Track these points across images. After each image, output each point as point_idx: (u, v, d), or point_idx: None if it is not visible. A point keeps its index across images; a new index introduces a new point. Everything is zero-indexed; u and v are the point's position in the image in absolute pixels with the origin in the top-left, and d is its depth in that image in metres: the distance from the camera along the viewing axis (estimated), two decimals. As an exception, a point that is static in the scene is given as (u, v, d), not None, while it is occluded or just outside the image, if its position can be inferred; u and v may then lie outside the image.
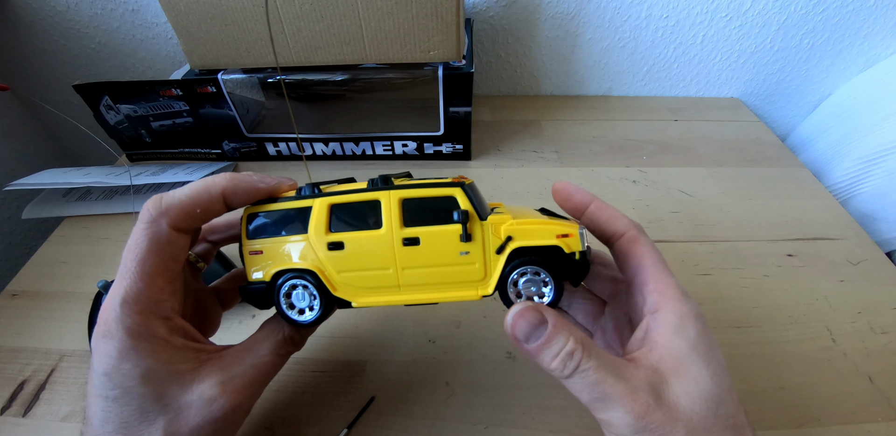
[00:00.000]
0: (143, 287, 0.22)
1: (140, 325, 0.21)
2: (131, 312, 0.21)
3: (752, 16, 0.60)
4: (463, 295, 0.24)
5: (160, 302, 0.22)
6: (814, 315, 0.40)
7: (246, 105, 0.52)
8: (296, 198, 0.24)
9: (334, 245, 0.24)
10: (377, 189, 0.24)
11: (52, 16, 0.63)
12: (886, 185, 0.52)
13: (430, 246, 0.24)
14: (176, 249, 0.23)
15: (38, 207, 0.51)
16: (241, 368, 0.23)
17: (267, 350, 0.25)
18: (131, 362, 0.21)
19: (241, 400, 0.23)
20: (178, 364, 0.22)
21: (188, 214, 0.23)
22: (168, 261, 0.23)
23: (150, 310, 0.22)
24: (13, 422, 0.33)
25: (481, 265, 0.24)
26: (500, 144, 0.60)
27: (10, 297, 0.42)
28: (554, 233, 0.24)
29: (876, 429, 0.32)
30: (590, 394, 0.21)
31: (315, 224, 0.24)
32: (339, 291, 0.24)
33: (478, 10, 0.61)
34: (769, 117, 0.73)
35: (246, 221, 0.25)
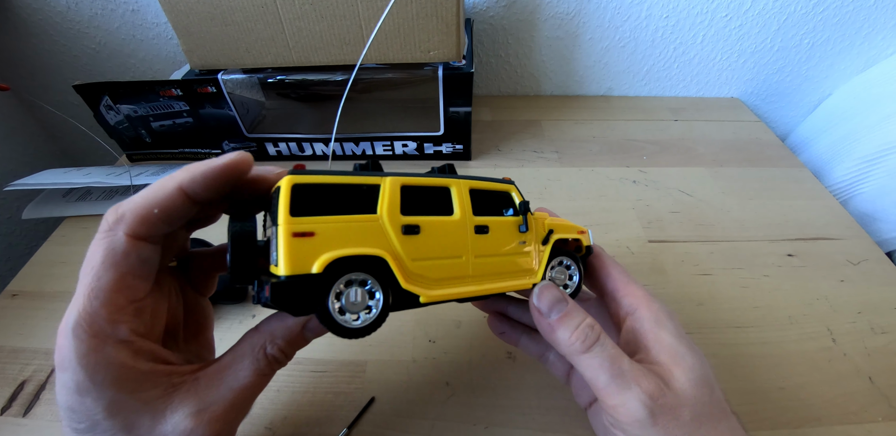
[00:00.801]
0: (97, 307, 0.19)
1: (95, 352, 0.18)
2: (85, 337, 0.18)
3: (752, 16, 0.60)
4: (518, 284, 0.25)
5: (119, 323, 0.19)
6: (814, 315, 0.40)
7: (246, 105, 0.52)
8: (354, 173, 0.21)
9: (409, 229, 0.21)
10: (447, 176, 0.23)
11: (52, 16, 0.63)
12: (886, 185, 0.52)
13: (497, 235, 0.24)
14: (137, 261, 0.19)
15: (38, 207, 0.51)
16: (219, 392, 0.20)
17: (248, 370, 0.21)
18: (91, 395, 0.18)
19: (220, 428, 0.20)
20: (146, 392, 0.19)
21: (145, 218, 0.19)
22: (127, 276, 0.19)
23: (107, 334, 0.19)
24: (13, 422, 0.33)
25: (534, 255, 0.26)
26: (500, 144, 0.60)
27: (10, 297, 0.42)
28: (576, 230, 0.28)
29: (876, 429, 0.32)
30: (608, 371, 0.22)
31: (387, 204, 0.21)
32: (410, 282, 0.21)
33: (478, 10, 0.61)
34: (769, 117, 0.73)
35: (290, 192, 0.19)
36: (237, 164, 0.21)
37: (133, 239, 0.19)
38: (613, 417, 0.22)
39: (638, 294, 0.26)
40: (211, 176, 0.20)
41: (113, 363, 0.19)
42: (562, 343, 0.23)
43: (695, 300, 0.41)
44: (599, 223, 0.48)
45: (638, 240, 0.46)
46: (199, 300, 0.26)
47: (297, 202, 0.19)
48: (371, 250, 0.20)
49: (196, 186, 0.20)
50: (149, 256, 0.20)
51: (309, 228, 0.19)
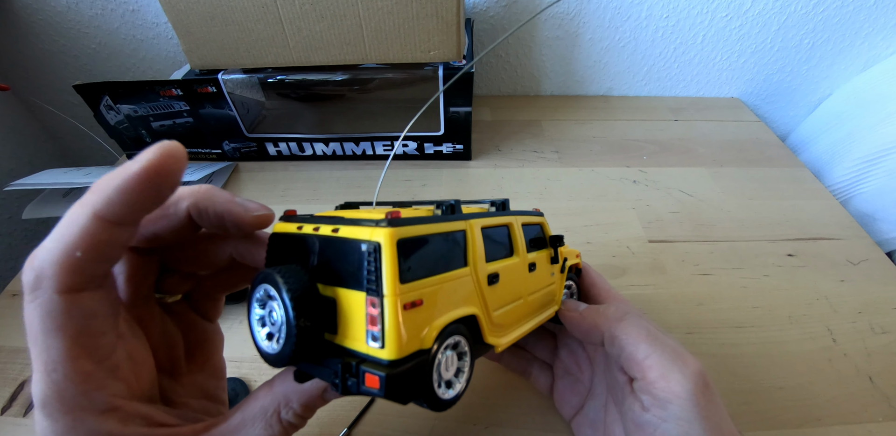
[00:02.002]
0: (60, 381, 0.15)
1: (75, 430, 0.15)
2: (59, 415, 0.15)
3: (753, 16, 0.60)
4: (549, 314, 0.26)
5: (91, 393, 0.16)
6: (814, 315, 0.40)
7: (246, 105, 0.52)
8: (442, 216, 0.17)
9: (492, 278, 0.19)
10: (505, 213, 0.21)
11: (52, 16, 0.63)
12: (886, 185, 0.52)
13: (540, 270, 0.24)
14: (84, 318, 0.16)
15: (38, 207, 0.51)
16: None
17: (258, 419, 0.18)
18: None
19: None
20: None
21: (69, 266, 0.15)
22: (80, 337, 0.16)
23: (82, 406, 0.16)
24: (13, 422, 0.33)
25: (558, 284, 0.27)
26: (500, 144, 0.60)
27: (10, 297, 0.42)
28: (574, 254, 0.30)
29: (876, 429, 0.32)
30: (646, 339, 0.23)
31: (475, 253, 0.18)
32: (492, 335, 0.19)
33: (478, 10, 0.61)
34: (769, 117, 0.73)
35: (396, 250, 0.15)
36: (160, 167, 0.14)
37: (67, 295, 0.15)
38: (652, 393, 0.21)
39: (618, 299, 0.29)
40: (130, 192, 0.14)
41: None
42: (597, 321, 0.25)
43: (695, 300, 0.41)
44: (599, 223, 0.48)
45: (638, 240, 0.46)
46: (205, 326, 0.23)
47: (408, 267, 0.15)
48: (468, 309, 0.18)
49: (116, 208, 0.15)
50: (97, 306, 0.16)
51: (418, 296, 0.15)
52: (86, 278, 0.16)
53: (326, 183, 0.54)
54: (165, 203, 0.16)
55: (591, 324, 0.25)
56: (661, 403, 0.21)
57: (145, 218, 0.16)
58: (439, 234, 0.17)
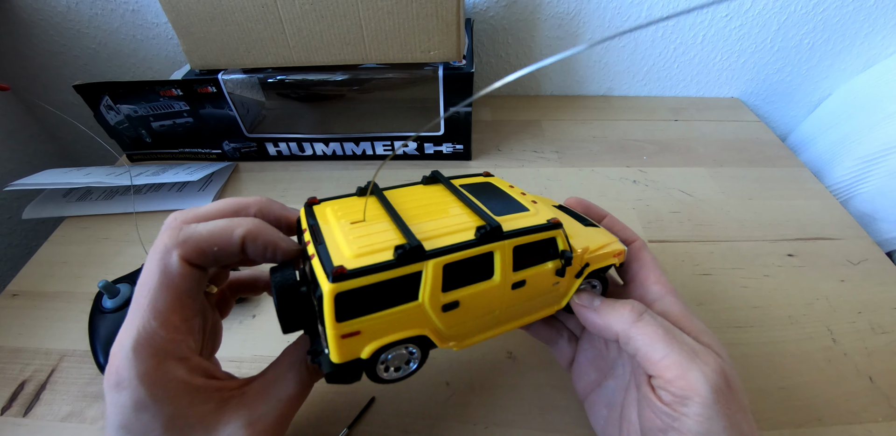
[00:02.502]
0: (156, 327, 0.19)
1: (156, 370, 0.19)
2: (145, 355, 0.19)
3: (752, 16, 0.60)
4: (543, 314, 0.26)
5: (177, 342, 0.20)
6: (814, 315, 0.40)
7: (246, 105, 0.52)
8: (395, 263, 0.20)
9: (449, 306, 0.22)
10: (490, 241, 0.22)
11: (52, 16, 0.63)
12: (886, 185, 0.52)
13: (532, 284, 0.24)
14: (190, 284, 0.21)
15: (38, 207, 0.51)
16: (268, 405, 0.21)
17: (293, 382, 0.22)
18: (150, 411, 0.19)
19: None
20: (200, 406, 0.20)
21: (203, 251, 0.21)
22: (183, 297, 0.20)
23: (167, 351, 0.19)
24: (13, 422, 0.33)
25: (565, 289, 0.26)
26: (500, 144, 0.60)
27: (10, 297, 0.42)
28: (613, 254, 0.27)
29: (877, 429, 0.32)
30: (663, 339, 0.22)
31: (429, 288, 0.21)
32: (444, 342, 0.23)
33: (478, 10, 0.61)
34: (769, 117, 0.73)
35: (334, 302, 0.19)
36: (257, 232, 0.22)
37: (188, 264, 0.21)
38: (671, 391, 0.21)
39: (667, 286, 0.27)
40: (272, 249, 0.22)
41: (172, 380, 0.19)
42: (611, 320, 0.24)
43: (695, 300, 0.41)
44: (599, 223, 0.48)
45: (638, 240, 0.46)
46: (217, 321, 0.26)
47: (340, 309, 0.19)
48: (413, 332, 0.22)
49: (254, 246, 0.22)
50: (199, 280, 0.21)
51: (355, 329, 0.20)
52: (202, 263, 0.21)
53: (326, 183, 0.54)
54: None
55: (605, 323, 0.24)
56: (680, 400, 0.21)
57: None
58: (384, 281, 0.20)
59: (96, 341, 0.35)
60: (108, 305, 0.36)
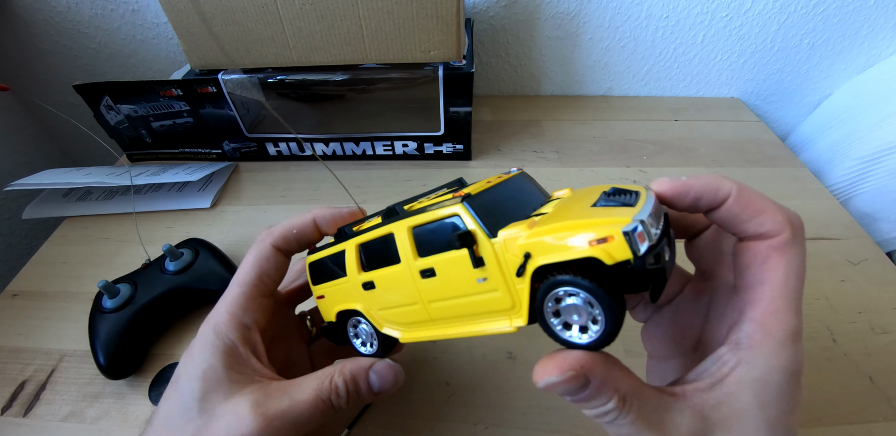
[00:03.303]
0: (238, 293, 0.25)
1: (223, 324, 0.24)
2: (223, 310, 0.24)
3: (753, 16, 0.60)
4: (496, 327, 0.20)
5: (246, 310, 0.25)
6: (814, 315, 0.40)
7: (246, 105, 0.52)
8: (336, 241, 0.25)
9: (367, 285, 0.24)
10: (389, 222, 0.22)
11: (52, 16, 0.63)
12: (886, 185, 0.52)
13: (445, 276, 0.20)
14: (272, 265, 0.26)
15: (38, 207, 0.51)
16: (281, 398, 0.22)
17: (310, 389, 0.23)
18: (202, 354, 0.23)
19: (268, 427, 0.21)
20: (232, 372, 0.23)
21: (286, 236, 0.27)
22: (263, 275, 0.26)
23: (236, 314, 0.24)
24: (14, 422, 0.33)
25: (505, 292, 0.19)
26: (500, 144, 0.60)
27: (10, 297, 0.42)
28: (586, 239, 0.16)
29: (876, 429, 0.32)
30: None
31: (350, 266, 0.24)
32: (385, 327, 0.24)
33: (478, 10, 0.61)
34: (769, 117, 0.73)
35: (309, 269, 0.27)
36: (356, 213, 0.28)
37: (275, 249, 0.26)
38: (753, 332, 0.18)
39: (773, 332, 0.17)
40: (338, 220, 0.27)
41: (228, 338, 0.24)
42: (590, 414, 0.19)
43: (695, 300, 0.41)
44: (599, 223, 0.48)
45: (638, 240, 0.46)
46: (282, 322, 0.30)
47: (313, 275, 0.27)
48: (351, 305, 0.25)
49: (326, 222, 0.27)
50: (281, 265, 0.27)
51: (320, 293, 0.27)
52: (288, 246, 0.27)
53: (326, 183, 0.54)
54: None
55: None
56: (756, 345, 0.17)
57: None
58: (328, 256, 0.26)
59: (96, 341, 0.35)
60: (108, 305, 0.36)
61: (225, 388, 0.22)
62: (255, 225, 0.49)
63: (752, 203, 0.19)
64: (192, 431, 0.21)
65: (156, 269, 0.39)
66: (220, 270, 0.40)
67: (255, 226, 0.49)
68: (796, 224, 0.18)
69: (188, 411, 0.22)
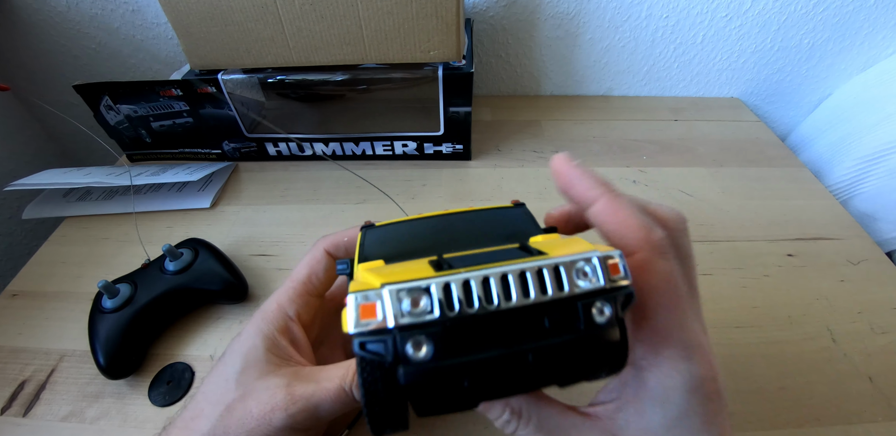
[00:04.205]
0: (288, 287, 0.27)
1: (270, 312, 0.26)
2: (273, 300, 0.27)
3: (752, 16, 0.60)
4: None
5: (291, 302, 0.27)
6: (814, 315, 0.40)
7: (246, 105, 0.52)
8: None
9: None
10: None
11: (52, 16, 0.63)
12: (886, 185, 0.52)
13: None
14: (322, 267, 0.28)
15: (38, 207, 0.51)
16: (308, 383, 0.24)
17: (336, 378, 0.23)
18: (248, 336, 0.25)
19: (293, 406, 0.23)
20: (271, 354, 0.25)
21: (338, 242, 0.29)
22: (312, 275, 0.28)
23: (282, 305, 0.27)
24: (13, 422, 0.33)
25: None
26: (500, 144, 0.60)
27: (10, 297, 0.42)
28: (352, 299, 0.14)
29: (876, 429, 0.32)
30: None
31: None
32: None
33: (478, 10, 0.61)
34: (769, 117, 0.73)
35: None
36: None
37: (326, 252, 0.28)
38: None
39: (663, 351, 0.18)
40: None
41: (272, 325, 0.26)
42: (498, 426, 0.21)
43: (695, 300, 0.41)
44: (599, 223, 0.48)
45: (638, 240, 0.46)
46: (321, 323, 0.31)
47: None
48: None
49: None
50: (330, 268, 0.28)
51: None
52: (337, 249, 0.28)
53: (326, 183, 0.54)
54: None
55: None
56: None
57: None
58: None
59: (96, 341, 0.35)
60: (107, 306, 0.36)
61: (262, 366, 0.24)
62: (255, 225, 0.49)
63: (609, 219, 0.19)
64: (228, 401, 0.23)
65: (156, 269, 0.39)
66: (220, 270, 0.40)
67: (255, 226, 0.49)
68: (655, 242, 0.17)
69: (227, 382, 0.24)
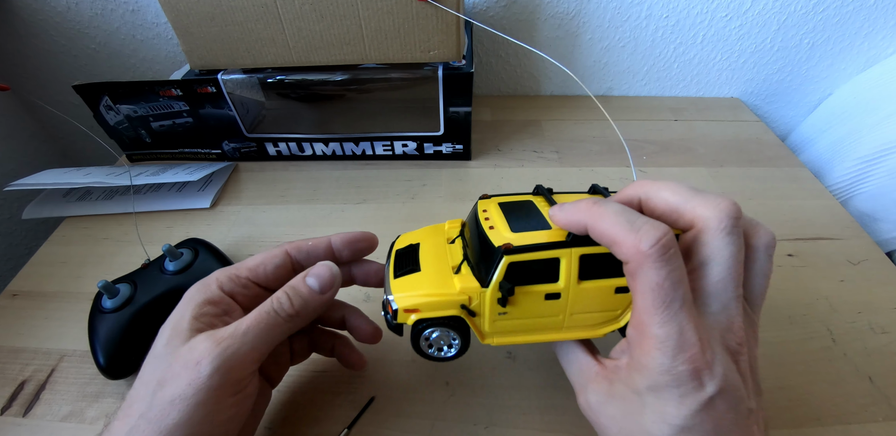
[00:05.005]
0: (232, 268, 0.28)
1: (206, 285, 0.26)
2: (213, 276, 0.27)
3: (752, 16, 0.60)
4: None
5: (231, 281, 0.27)
6: (814, 315, 0.40)
7: (246, 105, 0.52)
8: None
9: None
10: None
11: (52, 16, 0.63)
12: (886, 185, 0.52)
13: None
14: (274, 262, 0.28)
15: (38, 207, 0.51)
16: (228, 326, 0.24)
17: (256, 310, 0.25)
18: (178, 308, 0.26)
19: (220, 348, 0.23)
20: (196, 321, 0.24)
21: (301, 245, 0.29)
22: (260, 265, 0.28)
23: (222, 281, 0.27)
24: (13, 422, 0.33)
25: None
26: (500, 144, 0.60)
27: (10, 297, 0.42)
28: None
29: (876, 429, 0.32)
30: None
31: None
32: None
33: (478, 10, 0.61)
34: (769, 117, 0.73)
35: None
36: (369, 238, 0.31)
37: (285, 251, 0.29)
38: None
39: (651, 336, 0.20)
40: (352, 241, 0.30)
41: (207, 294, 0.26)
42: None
43: (695, 300, 0.41)
44: (599, 223, 0.48)
45: (638, 240, 0.46)
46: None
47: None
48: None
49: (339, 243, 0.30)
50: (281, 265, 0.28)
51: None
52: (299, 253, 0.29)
53: (326, 183, 0.54)
54: None
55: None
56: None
57: None
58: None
59: (96, 341, 0.35)
60: (107, 306, 0.36)
61: (187, 333, 0.24)
62: (255, 225, 0.49)
63: (603, 235, 0.21)
64: (160, 374, 0.23)
65: (155, 269, 0.39)
66: (217, 265, 0.40)
67: (255, 226, 0.49)
68: (644, 251, 0.19)
69: (156, 359, 0.24)
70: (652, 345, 0.19)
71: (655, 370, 0.19)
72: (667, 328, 0.19)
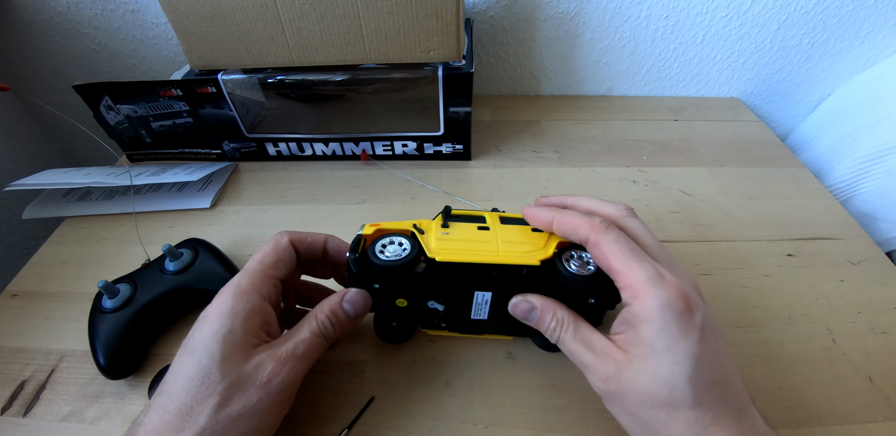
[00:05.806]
0: (258, 269, 0.28)
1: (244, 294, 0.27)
2: (246, 281, 0.27)
3: (752, 16, 0.60)
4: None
5: (265, 284, 0.28)
6: (814, 315, 0.40)
7: (246, 105, 0.52)
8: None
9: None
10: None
11: (52, 16, 0.63)
12: (886, 185, 0.52)
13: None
14: (289, 255, 0.30)
15: (38, 207, 0.51)
16: (286, 344, 0.27)
17: (306, 330, 0.28)
18: (221, 319, 0.25)
19: (284, 369, 0.25)
20: (249, 336, 0.26)
21: (302, 240, 0.31)
22: (279, 261, 0.29)
23: (257, 285, 0.27)
24: (13, 422, 0.33)
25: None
26: (500, 144, 0.60)
27: (10, 297, 0.42)
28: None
29: (876, 429, 0.32)
30: (571, 358, 0.27)
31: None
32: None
33: (478, 10, 0.61)
34: (769, 117, 0.73)
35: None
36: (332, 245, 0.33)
37: (290, 243, 0.30)
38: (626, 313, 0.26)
39: (636, 286, 0.24)
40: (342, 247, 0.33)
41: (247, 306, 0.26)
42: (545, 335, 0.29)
43: (695, 300, 0.41)
44: (599, 223, 0.48)
45: (638, 240, 0.46)
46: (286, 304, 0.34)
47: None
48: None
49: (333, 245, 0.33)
50: (291, 258, 0.30)
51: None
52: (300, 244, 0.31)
53: (326, 183, 0.54)
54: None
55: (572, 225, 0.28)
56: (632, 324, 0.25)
57: None
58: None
59: (96, 341, 0.35)
60: (107, 306, 0.36)
61: (244, 350, 0.25)
62: (255, 225, 0.49)
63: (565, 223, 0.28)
64: (221, 392, 0.24)
65: (156, 269, 0.39)
66: (220, 270, 0.40)
67: (255, 226, 0.49)
68: (596, 226, 0.27)
69: (209, 375, 0.24)
70: (645, 286, 0.24)
71: (656, 307, 0.23)
72: (646, 268, 0.24)
